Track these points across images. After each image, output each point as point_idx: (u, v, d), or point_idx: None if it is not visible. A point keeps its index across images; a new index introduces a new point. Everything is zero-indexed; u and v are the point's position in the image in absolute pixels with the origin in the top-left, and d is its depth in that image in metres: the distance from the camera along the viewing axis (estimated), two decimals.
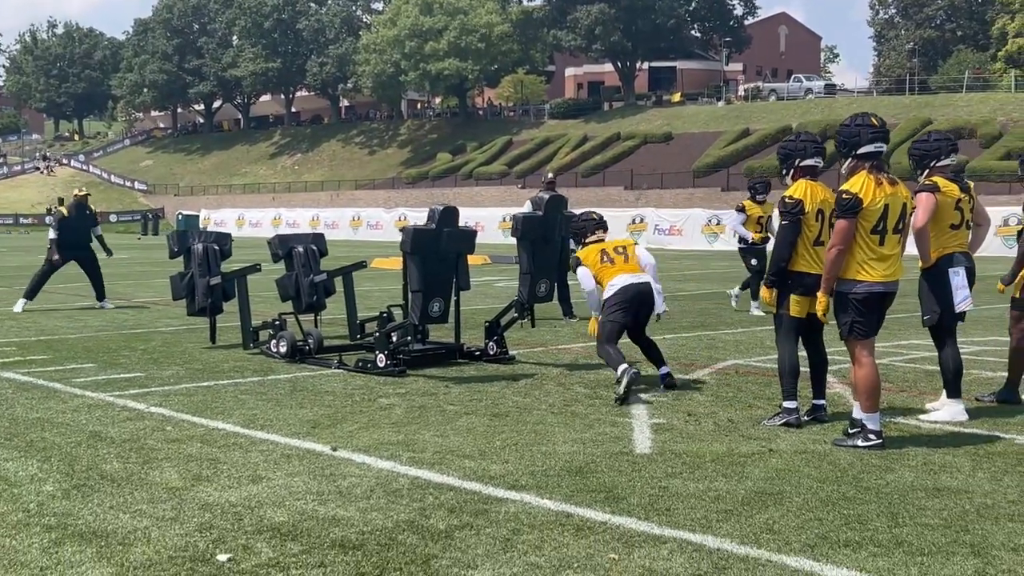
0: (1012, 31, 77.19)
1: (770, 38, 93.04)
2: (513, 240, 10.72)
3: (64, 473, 6.00)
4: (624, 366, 8.16)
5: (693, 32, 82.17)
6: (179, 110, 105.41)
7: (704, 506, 5.33)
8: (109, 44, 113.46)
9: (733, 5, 79.83)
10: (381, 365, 9.53)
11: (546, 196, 10.80)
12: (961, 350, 10.99)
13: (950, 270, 7.57)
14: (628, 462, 6.25)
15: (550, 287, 10.53)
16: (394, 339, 9.81)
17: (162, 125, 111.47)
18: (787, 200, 7.26)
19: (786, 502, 5.40)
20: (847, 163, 6.90)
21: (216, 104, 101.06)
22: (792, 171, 7.49)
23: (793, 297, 7.28)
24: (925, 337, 12.39)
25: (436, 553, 4.62)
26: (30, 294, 16.01)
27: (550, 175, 16.21)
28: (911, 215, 6.97)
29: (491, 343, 10.42)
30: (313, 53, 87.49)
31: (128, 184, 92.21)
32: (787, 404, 7.35)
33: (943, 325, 7.68)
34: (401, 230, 9.89)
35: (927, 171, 7.80)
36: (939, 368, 7.86)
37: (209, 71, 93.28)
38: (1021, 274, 8.18)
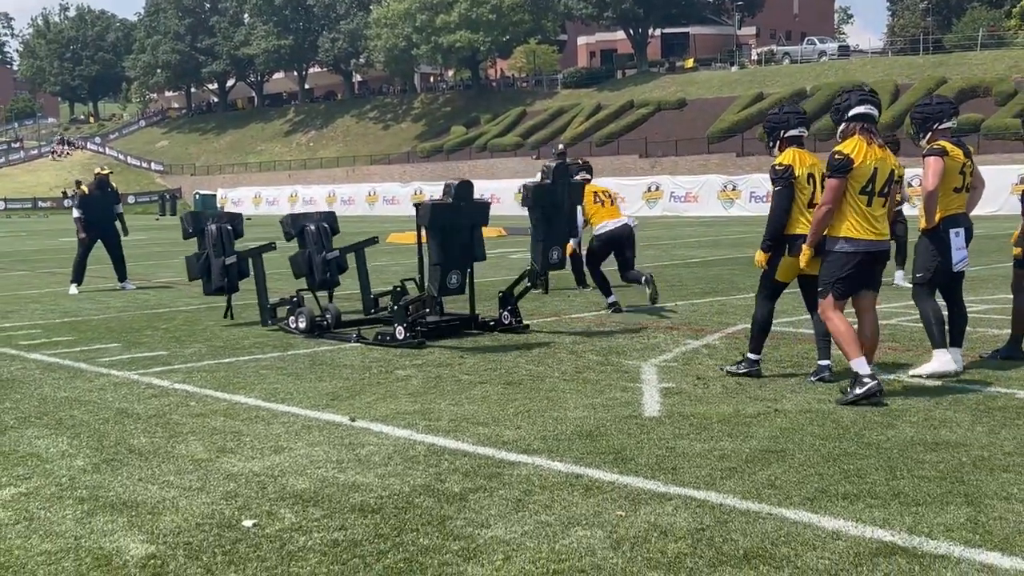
0: None
1: (783, 1, 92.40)
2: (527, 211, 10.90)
3: (93, 448, 6.24)
4: (612, 298, 12.03)
5: None
6: (193, 90, 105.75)
7: (709, 465, 5.53)
8: (121, 26, 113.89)
9: None
10: (400, 337, 9.75)
11: (553, 164, 10.97)
12: (969, 308, 11.13)
13: (952, 230, 7.73)
14: (637, 425, 6.45)
15: (562, 254, 10.70)
16: (412, 311, 10.04)
17: (176, 105, 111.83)
18: (777, 167, 7.53)
19: (789, 459, 5.60)
20: (840, 128, 7.11)
21: (229, 83, 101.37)
22: (778, 143, 7.70)
23: (784, 260, 7.61)
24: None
25: (451, 514, 4.83)
26: (78, 279, 16.31)
27: (560, 146, 16.36)
28: (898, 182, 7.15)
29: (505, 313, 10.62)
30: (325, 29, 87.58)
31: (144, 165, 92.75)
32: (751, 356, 7.90)
33: (932, 282, 7.86)
34: (416, 205, 10.08)
35: (930, 134, 7.91)
36: (922, 324, 8.02)
37: (222, 50, 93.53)
38: None
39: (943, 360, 7.74)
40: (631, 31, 77.19)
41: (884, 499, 4.89)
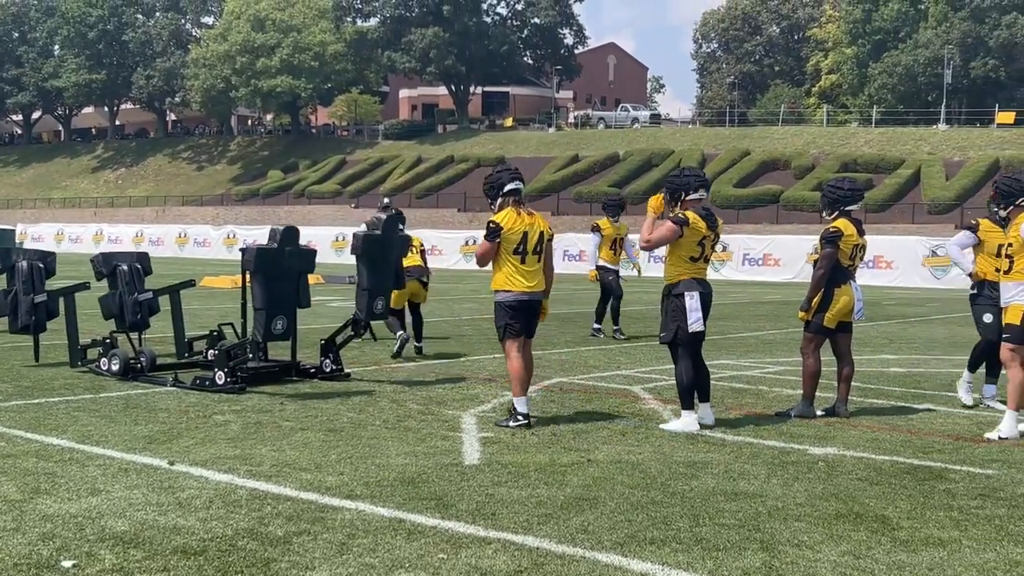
0: (825, 68, 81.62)
1: (599, 67, 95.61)
2: (348, 259, 11.06)
3: None
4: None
5: (526, 59, 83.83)
6: None
7: (527, 511, 5.77)
8: None
9: (564, 34, 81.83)
10: (220, 382, 9.68)
11: (383, 216, 11.25)
12: (765, 370, 11.85)
13: (686, 293, 8.30)
14: (457, 472, 6.66)
15: (386, 304, 10.90)
16: (234, 356, 9.97)
17: None
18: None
19: (600, 506, 5.90)
20: (498, 201, 8.44)
21: (35, 115, 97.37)
22: (679, 203, 8.41)
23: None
24: (737, 357, 13.24)
25: (275, 557, 4.91)
26: None
27: (386, 200, 16.55)
28: (548, 241, 8.49)
29: (326, 360, 10.67)
30: (139, 65, 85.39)
31: None
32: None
33: (677, 342, 8.39)
34: (242, 249, 10.08)
35: (679, 204, 8.44)
36: (674, 380, 8.56)
37: (29, 81, 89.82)
38: (815, 300, 8.95)
39: (688, 420, 8.30)
40: (453, 87, 78.36)
41: (688, 544, 5.23)
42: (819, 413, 9.02)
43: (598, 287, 15.74)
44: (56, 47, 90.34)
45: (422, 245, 13.58)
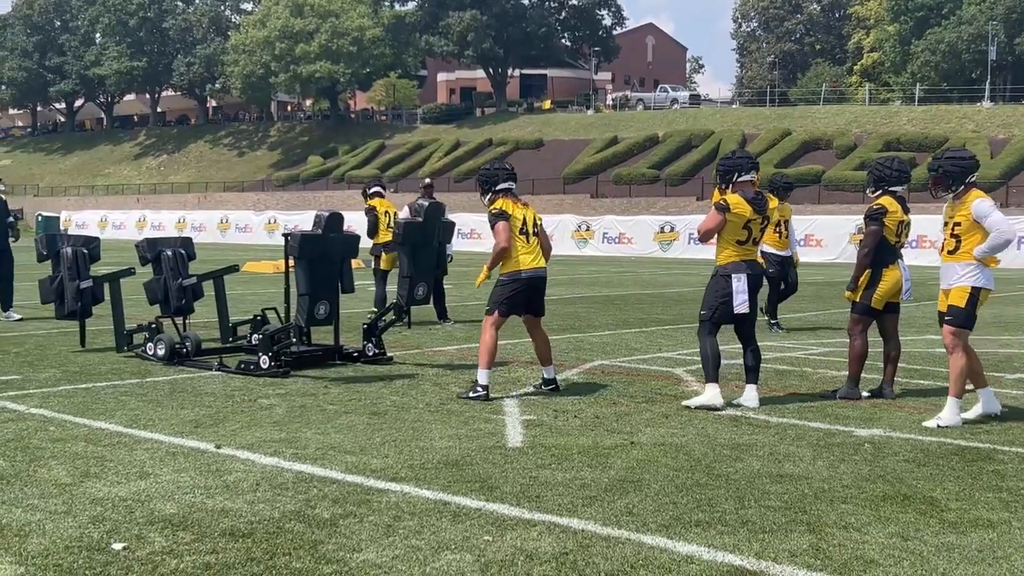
0: (867, 46, 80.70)
1: (638, 48, 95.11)
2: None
3: None
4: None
5: (563, 41, 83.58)
6: (39, 108, 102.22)
7: (571, 493, 5.77)
8: None
9: (602, 15, 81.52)
10: (264, 366, 9.76)
11: (426, 203, 11.31)
12: (810, 351, 11.78)
13: (733, 275, 8.38)
14: (501, 455, 6.67)
15: (428, 290, 10.95)
16: (277, 341, 10.04)
17: (20, 124, 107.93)
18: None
19: (645, 488, 5.89)
20: (488, 196, 9.01)
21: (78, 103, 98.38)
22: (729, 186, 8.49)
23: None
24: (780, 338, 13.14)
25: (323, 539, 4.95)
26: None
27: (427, 180, 16.57)
28: (540, 224, 9.07)
29: (369, 344, 10.72)
30: (180, 52, 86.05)
31: None
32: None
33: (715, 321, 8.49)
34: (286, 235, 10.14)
35: (730, 185, 8.49)
36: (700, 358, 8.66)
37: (71, 69, 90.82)
38: (861, 280, 8.87)
39: (712, 394, 8.35)
40: (491, 70, 78.27)
41: (734, 526, 5.21)
42: (864, 395, 8.94)
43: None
44: (98, 35, 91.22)
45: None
